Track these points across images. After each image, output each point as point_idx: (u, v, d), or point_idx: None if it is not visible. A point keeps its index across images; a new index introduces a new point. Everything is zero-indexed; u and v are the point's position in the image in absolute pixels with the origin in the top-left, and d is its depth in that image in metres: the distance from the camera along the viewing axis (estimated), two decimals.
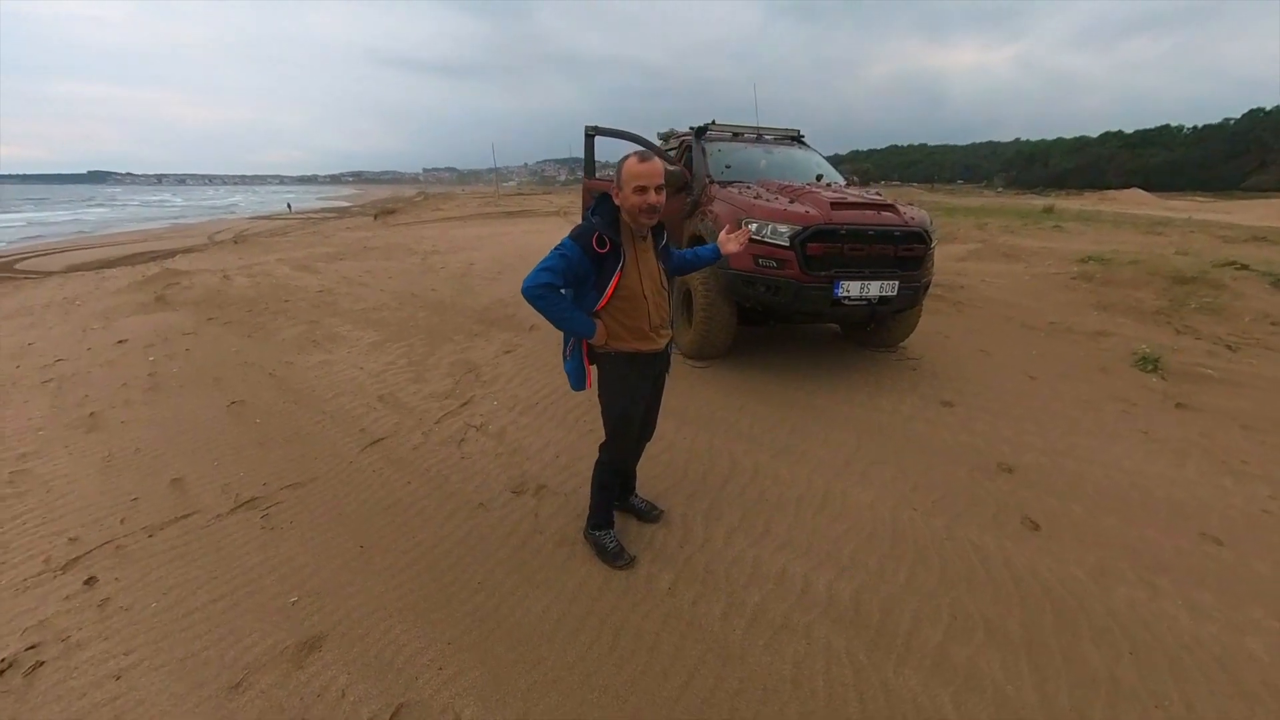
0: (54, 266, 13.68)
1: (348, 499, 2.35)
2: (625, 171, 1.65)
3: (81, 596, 1.85)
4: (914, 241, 3.20)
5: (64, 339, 5.16)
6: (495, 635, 1.64)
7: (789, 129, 4.94)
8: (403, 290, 6.14)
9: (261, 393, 3.51)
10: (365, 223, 23.06)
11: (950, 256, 8.38)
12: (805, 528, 2.10)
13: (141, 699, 1.47)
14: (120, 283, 8.17)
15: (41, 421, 3.27)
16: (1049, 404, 3.20)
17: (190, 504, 2.34)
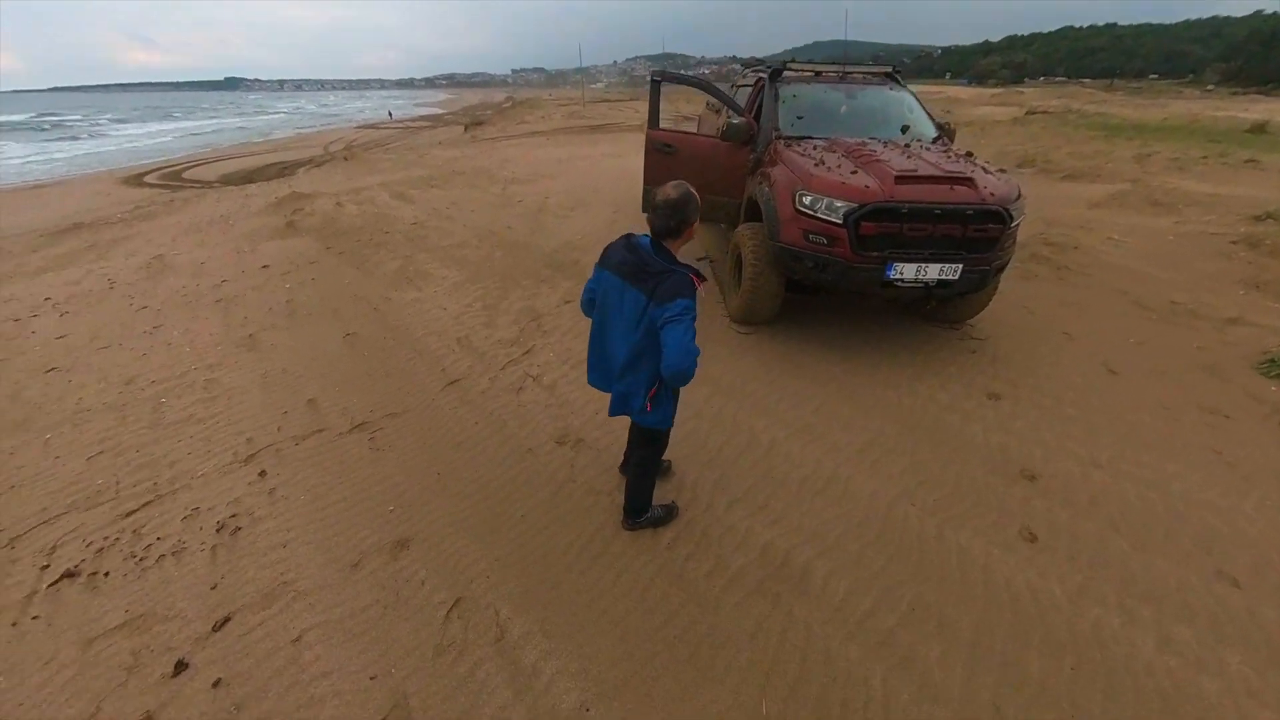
0: (209, 176, 15.93)
1: (430, 432, 2.94)
2: (699, 212, 1.79)
3: (258, 484, 2.62)
4: (988, 221, 2.91)
5: (225, 260, 6.30)
6: (530, 559, 2.15)
7: (881, 66, 4.34)
8: (483, 226, 6.59)
9: (368, 326, 4.22)
10: (456, 135, 23.66)
11: (1080, 200, 7.16)
12: (801, 508, 2.34)
13: (299, 564, 2.17)
14: (259, 203, 9.48)
15: (219, 337, 4.23)
16: (1116, 406, 2.98)
17: (321, 422, 3.07)
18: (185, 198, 11.86)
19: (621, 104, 43.75)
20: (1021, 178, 8.80)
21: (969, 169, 3.12)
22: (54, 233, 9.06)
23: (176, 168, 17.93)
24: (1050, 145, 11.39)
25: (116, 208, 11.46)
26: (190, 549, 2.27)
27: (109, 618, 1.99)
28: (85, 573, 2.18)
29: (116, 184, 15.39)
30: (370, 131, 29.78)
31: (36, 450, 3.01)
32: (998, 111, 22.93)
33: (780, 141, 3.64)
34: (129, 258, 6.95)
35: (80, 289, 5.81)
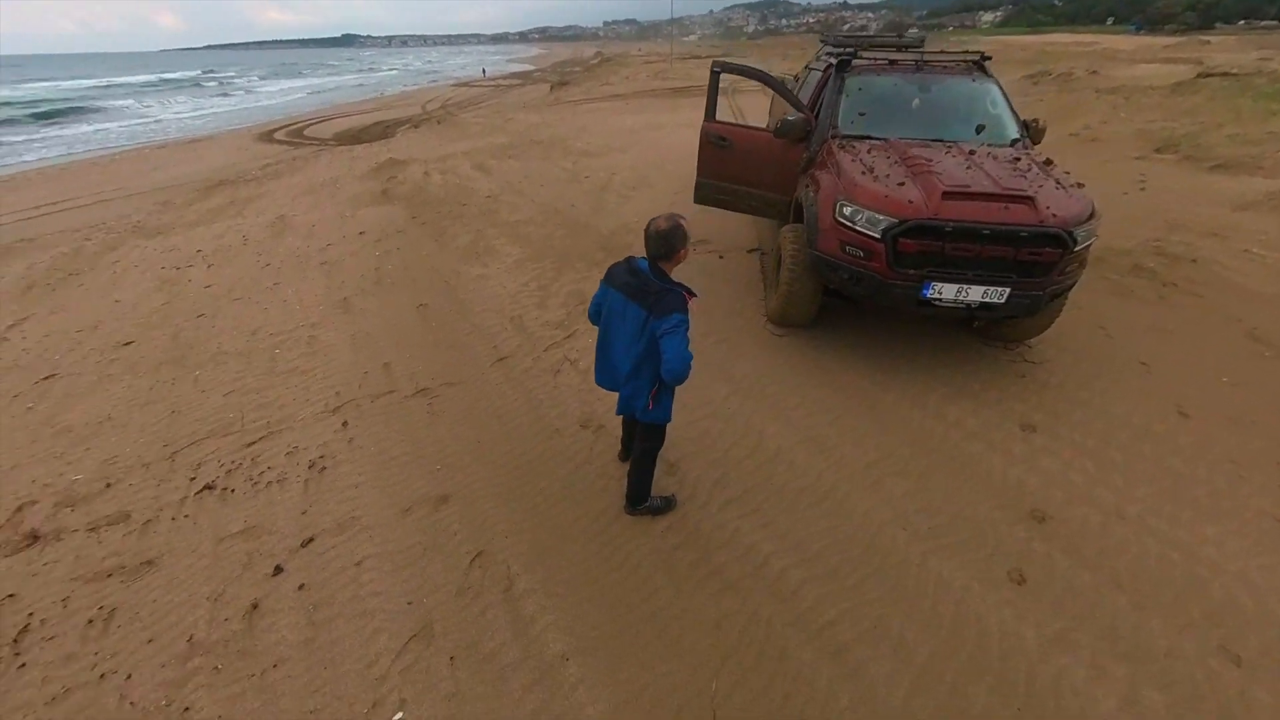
0: (326, 134, 17.63)
1: (477, 403, 3.38)
2: (688, 242, 2.04)
3: (341, 433, 3.20)
4: (1045, 245, 2.70)
5: (331, 223, 7.18)
6: (542, 527, 2.51)
7: (969, 54, 3.93)
8: (548, 203, 6.92)
9: (439, 298, 4.74)
10: (541, 95, 24.06)
11: (1225, 199, 6.10)
12: (793, 516, 2.49)
13: (365, 503, 2.69)
14: (362, 167, 10.47)
15: (321, 298, 4.97)
16: (1172, 455, 2.74)
17: (392, 384, 3.62)
18: (304, 156, 13.33)
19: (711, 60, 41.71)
20: (1156, 166, 7.56)
21: (1033, 185, 2.87)
22: (205, 188, 10.67)
23: (300, 125, 19.99)
24: (1210, 123, 9.50)
25: (251, 164, 13.16)
26: (289, 480, 2.88)
27: (233, 525, 2.63)
28: (219, 487, 2.87)
29: (253, 140, 17.53)
30: (464, 90, 31.03)
31: (189, 386, 3.84)
32: (1159, 72, 19.12)
33: (835, 141, 3.51)
34: (259, 216, 8.10)
35: (222, 243, 6.93)
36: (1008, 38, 67.83)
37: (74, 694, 1.97)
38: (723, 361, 3.58)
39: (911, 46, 4.90)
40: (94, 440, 3.35)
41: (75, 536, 2.65)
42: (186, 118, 24.70)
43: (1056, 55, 31.61)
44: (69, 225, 8.55)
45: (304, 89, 37.83)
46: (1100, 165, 7.75)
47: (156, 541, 2.58)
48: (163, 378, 3.95)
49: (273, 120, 22.17)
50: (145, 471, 3.05)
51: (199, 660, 2.06)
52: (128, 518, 2.74)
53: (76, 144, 18.65)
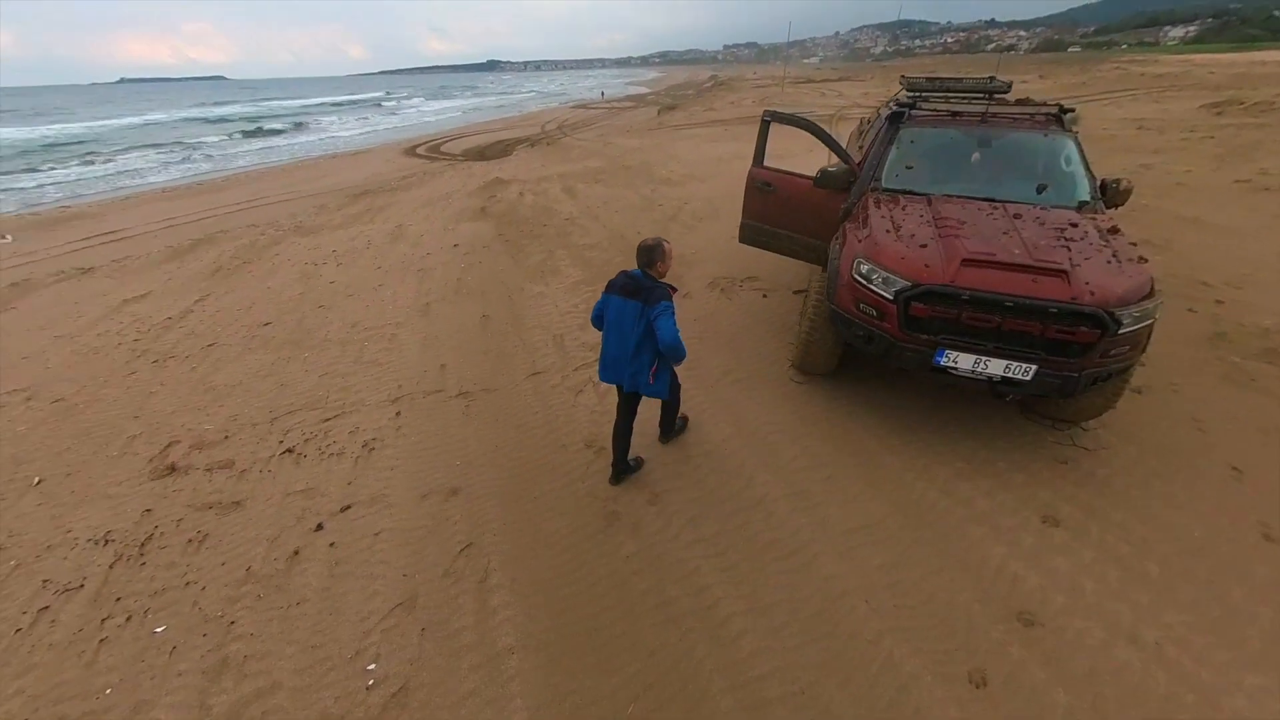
0: (456, 150, 20.01)
1: (505, 410, 3.80)
2: (670, 256, 2.76)
3: (394, 421, 3.79)
4: (1080, 324, 2.45)
5: (435, 235, 8.27)
6: (525, 531, 2.81)
7: (1046, 105, 3.62)
8: (618, 230, 7.37)
9: (500, 310, 5.33)
10: (648, 119, 25.17)
11: None
12: (755, 566, 2.53)
13: (395, 485, 3.19)
14: (474, 184, 11.86)
15: (410, 302, 5.81)
16: (1237, 584, 2.32)
17: (442, 384, 4.18)
18: (434, 170, 15.32)
19: (827, 84, 40.66)
20: None
21: (1076, 256, 2.61)
22: (353, 195, 12.74)
23: (438, 141, 22.95)
24: None
25: (393, 175, 15.42)
26: (346, 454, 3.49)
27: (298, 484, 3.27)
28: (296, 452, 3.55)
29: (399, 154, 20.49)
30: (582, 111, 33.39)
31: (298, 365, 4.74)
32: None
33: (873, 195, 3.46)
34: (384, 223, 9.54)
35: (352, 245, 8.29)
36: (1200, 56, 57.55)
37: (166, 593, 2.62)
38: (734, 402, 3.66)
39: (996, 93, 4.60)
40: (227, 399, 4.29)
41: (196, 474, 3.46)
42: (358, 134, 29.39)
43: (1263, 78, 26.38)
44: (254, 220, 10.72)
45: (452, 109, 43.27)
46: (1268, 221, 6.48)
47: (245, 488, 3.29)
48: (282, 356, 4.91)
49: (422, 136, 25.64)
50: (252, 430, 3.86)
51: (249, 587, 2.63)
52: (232, 464, 3.51)
53: (280, 151, 23.21)
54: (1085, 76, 35.12)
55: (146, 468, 3.56)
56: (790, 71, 60.97)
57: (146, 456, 3.66)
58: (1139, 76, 33.46)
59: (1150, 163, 9.80)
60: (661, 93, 48.39)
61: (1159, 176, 8.76)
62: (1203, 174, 8.79)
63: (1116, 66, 45.46)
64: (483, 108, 43.56)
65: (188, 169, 19.67)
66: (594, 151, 14.96)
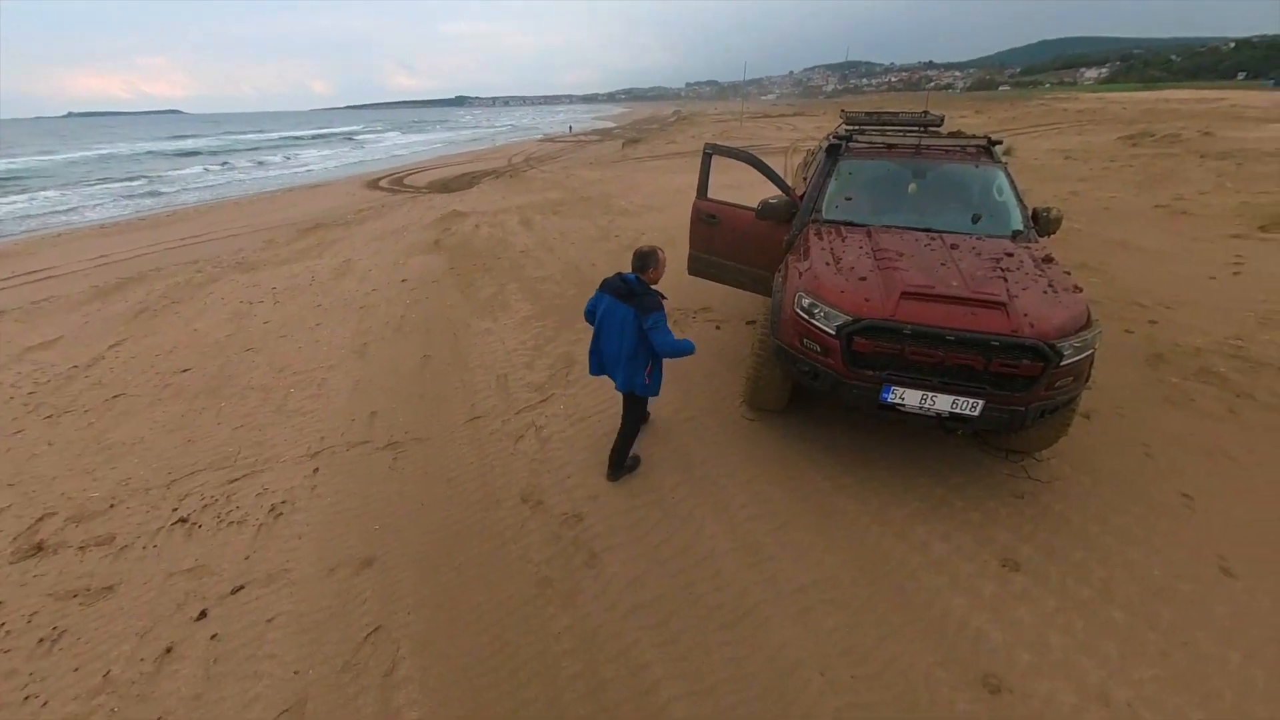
0: (420, 182, 19.77)
1: (436, 462, 3.47)
2: (663, 263, 2.88)
3: (310, 479, 3.41)
4: (1021, 357, 2.38)
5: (383, 269, 7.94)
6: (445, 608, 2.47)
7: (975, 138, 3.71)
8: (572, 261, 7.23)
9: (443, 350, 5.02)
10: (612, 151, 25.65)
11: None
12: (699, 637, 2.27)
13: (300, 557, 2.81)
14: (430, 216, 11.61)
15: (347, 341, 5.44)
16: (1201, 627, 2.20)
17: (370, 434, 3.83)
18: (394, 203, 15.00)
19: (783, 119, 42.72)
20: (1258, 246, 6.56)
21: (1014, 288, 2.57)
22: (305, 229, 12.26)
23: (402, 174, 22.67)
24: None
25: (351, 206, 15.02)
26: (249, 522, 3.08)
27: (186, 561, 2.84)
28: (190, 523, 3.12)
29: (361, 186, 20.09)
30: (549, 145, 33.84)
31: (213, 415, 4.29)
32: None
33: (814, 227, 3.40)
34: (332, 258, 9.13)
35: (294, 282, 7.85)
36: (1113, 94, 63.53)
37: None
38: (684, 444, 3.45)
39: (930, 126, 4.73)
40: (123, 460, 3.81)
41: (67, 553, 2.99)
42: (320, 167, 28.79)
43: (1167, 114, 29.08)
44: (195, 257, 10.12)
45: (424, 142, 43.21)
46: (1186, 243, 6.86)
47: (122, 568, 2.84)
48: (196, 406, 4.45)
49: (388, 169, 25.31)
50: (144, 497, 3.40)
51: (103, 699, 2.19)
52: (112, 540, 3.05)
53: (237, 185, 22.41)
54: (1015, 112, 38.02)
55: (9, 548, 3.06)
56: (748, 107, 63.95)
57: (11, 534, 3.16)
58: (1062, 112, 36.45)
59: (1078, 190, 10.42)
60: (627, 127, 49.81)
61: (1088, 202, 9.28)
62: (1126, 199, 9.37)
63: (1042, 103, 49.55)
64: (453, 141, 43.74)
65: (132, 204, 18.74)
66: (556, 183, 15.01)
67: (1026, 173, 12.24)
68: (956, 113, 36.83)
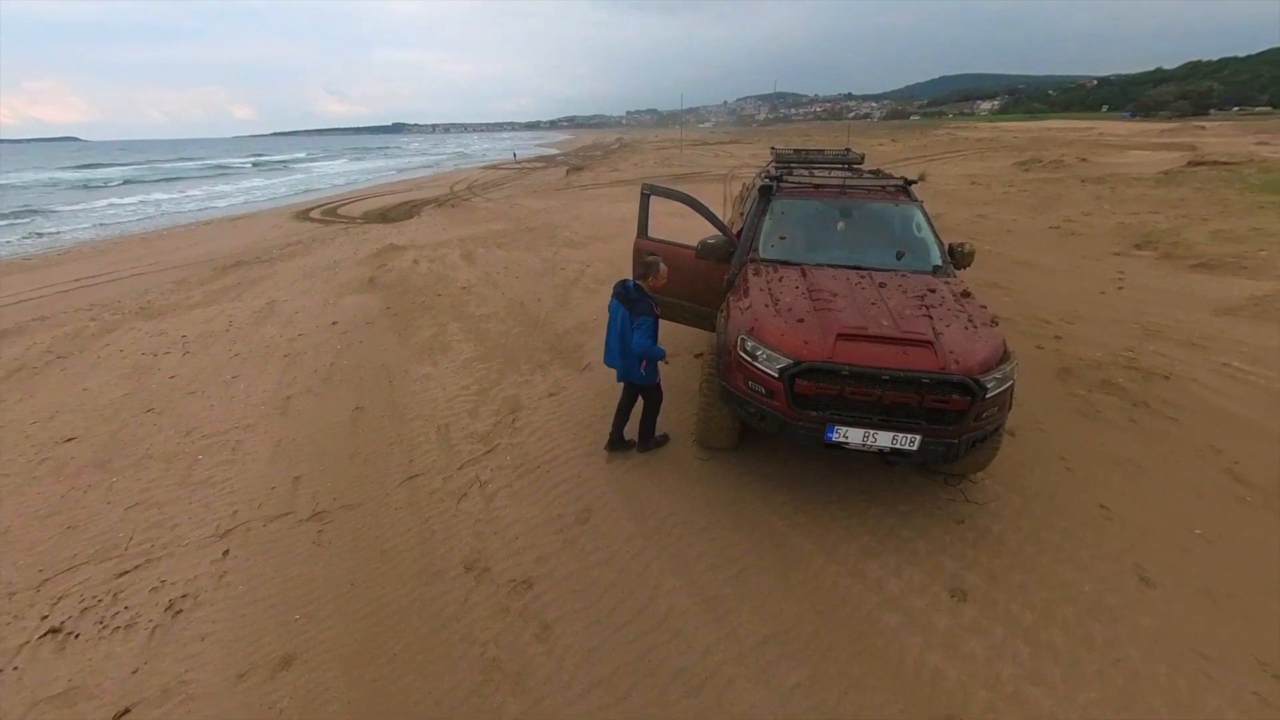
0: (355, 212, 18.87)
1: (369, 532, 3.17)
2: (663, 274, 3.33)
3: (218, 564, 3.01)
4: (951, 392, 2.50)
5: (312, 311, 7.42)
6: (375, 706, 2.21)
7: (893, 179, 3.99)
8: (517, 296, 7.06)
9: (377, 401, 4.69)
10: (556, 179, 25.76)
11: (1207, 303, 5.86)
12: (664, 709, 2.14)
13: (203, 663, 2.44)
14: (366, 250, 11.06)
15: (268, 396, 4.97)
16: (1130, 642, 2.32)
17: (292, 504, 3.46)
18: (326, 236, 14.19)
19: (720, 146, 44.78)
20: (1135, 263, 7.42)
21: (938, 324, 2.72)
22: (224, 266, 11.33)
23: (336, 203, 21.58)
24: (1194, 216, 9.47)
25: (277, 240, 14.05)
26: (139, 625, 2.66)
27: (55, 685, 2.39)
28: (65, 631, 2.66)
29: (289, 218, 18.89)
30: (492, 172, 33.52)
31: (101, 493, 3.75)
32: (1150, 160, 19.65)
33: (751, 266, 3.49)
34: (254, 299, 8.45)
35: (208, 329, 7.17)
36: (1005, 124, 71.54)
37: None
38: (637, 490, 3.35)
39: (852, 164, 5.03)
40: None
41: None
42: (242, 197, 26.92)
43: (1050, 141, 32.99)
44: (91, 301, 9.06)
45: (356, 171, 41.55)
46: (1078, 262, 7.66)
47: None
48: (80, 484, 3.88)
49: (320, 198, 24.04)
50: (7, 603, 2.88)
51: None
52: None
53: (146, 218, 20.37)
54: (926, 140, 41.88)
55: None
56: (688, 135, 66.64)
57: None
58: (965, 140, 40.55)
59: (985, 213, 11.48)
60: (571, 154, 50.43)
61: (993, 225, 10.22)
62: (1025, 222, 10.40)
63: (948, 132, 54.94)
64: (393, 169, 42.48)
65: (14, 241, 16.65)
66: (499, 213, 14.81)
67: (941, 197, 13.37)
68: (875, 141, 40.10)
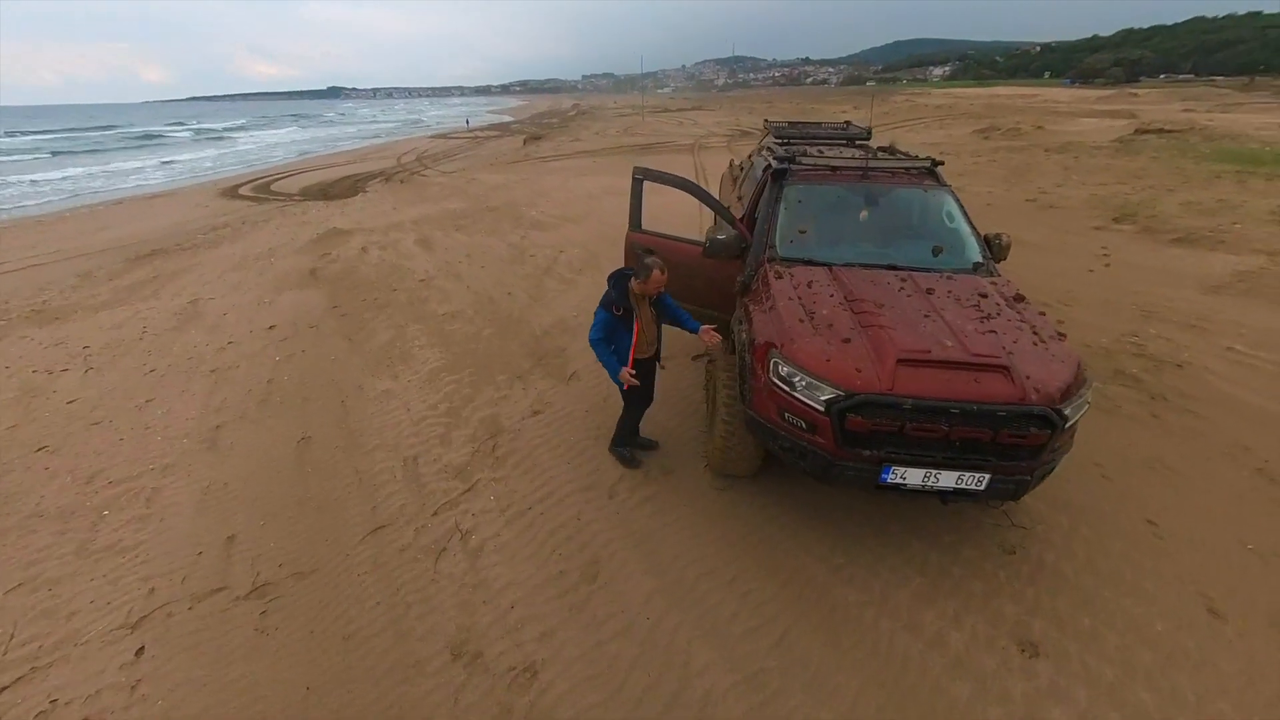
0: (292, 188, 17.03)
1: (327, 609, 2.59)
2: (653, 279, 2.80)
3: (129, 669, 2.37)
4: (1031, 426, 2.15)
5: (244, 311, 6.44)
6: None
7: (918, 159, 3.55)
8: (484, 290, 6.33)
9: (327, 428, 3.99)
10: (514, 149, 24.22)
11: (1193, 280, 5.84)
12: None
13: None
14: (305, 236, 9.85)
15: (191, 425, 4.17)
16: (1219, 694, 2.09)
17: (225, 575, 2.82)
18: (259, 217, 12.64)
19: (683, 113, 43.39)
20: (1116, 237, 7.40)
21: (1006, 342, 2.34)
22: (137, 256, 9.86)
23: (269, 179, 19.39)
24: (1160, 187, 9.61)
25: (202, 223, 12.41)
26: None
27: None
28: None
29: (215, 196, 16.80)
30: (443, 141, 31.22)
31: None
32: (1099, 128, 20.19)
33: (771, 267, 3.00)
34: (173, 298, 7.32)
35: (118, 336, 6.11)
36: (957, 90, 72.88)
37: None
38: (648, 533, 2.89)
39: (857, 140, 4.56)
40: None
41: None
42: (161, 171, 23.87)
43: (1004, 109, 33.59)
44: None
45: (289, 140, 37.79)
46: (1062, 237, 7.58)
47: None
48: None
49: (252, 172, 21.59)
50: None
51: None
52: None
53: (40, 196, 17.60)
54: (887, 107, 41.90)
55: None
56: (648, 101, 64.28)
57: None
58: (923, 107, 40.83)
59: (960, 185, 11.29)
60: (526, 121, 47.79)
61: (972, 198, 10.06)
62: (1001, 194, 10.31)
63: (906, 99, 55.30)
64: (333, 138, 38.97)
65: None
66: (455, 189, 13.62)
67: None
68: (837, 108, 39.78)
